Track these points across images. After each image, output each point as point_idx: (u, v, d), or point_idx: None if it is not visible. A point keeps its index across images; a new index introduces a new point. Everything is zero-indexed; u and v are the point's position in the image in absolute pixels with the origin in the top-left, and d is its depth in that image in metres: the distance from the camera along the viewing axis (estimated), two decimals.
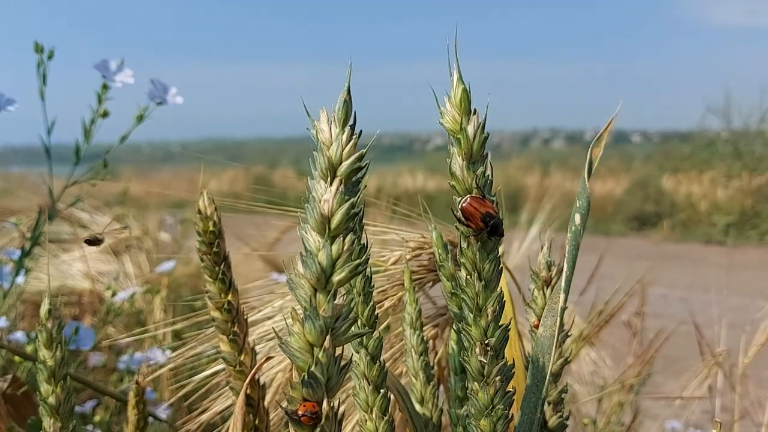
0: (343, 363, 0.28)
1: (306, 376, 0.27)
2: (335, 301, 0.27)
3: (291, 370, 0.51)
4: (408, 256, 0.53)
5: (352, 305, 0.28)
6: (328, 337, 0.27)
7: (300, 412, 0.27)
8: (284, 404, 0.27)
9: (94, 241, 0.61)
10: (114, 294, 0.84)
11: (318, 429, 0.27)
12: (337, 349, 0.28)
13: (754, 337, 1.02)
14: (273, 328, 0.38)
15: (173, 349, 0.63)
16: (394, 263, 0.53)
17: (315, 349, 0.27)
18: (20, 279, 0.69)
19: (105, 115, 0.68)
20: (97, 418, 0.76)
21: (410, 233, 0.54)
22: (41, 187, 0.71)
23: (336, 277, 0.27)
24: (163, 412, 0.82)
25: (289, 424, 0.28)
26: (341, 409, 0.29)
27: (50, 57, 0.66)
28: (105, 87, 0.68)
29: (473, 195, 0.31)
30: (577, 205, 0.38)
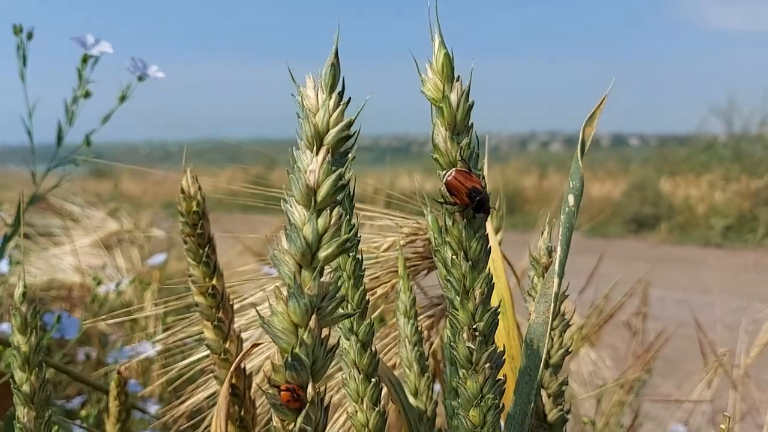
0: (330, 346, 0.26)
1: (290, 358, 0.25)
2: (321, 279, 0.25)
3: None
4: (402, 242, 0.51)
5: (339, 283, 0.26)
6: (313, 316, 0.25)
7: (282, 389, 0.25)
8: (265, 387, 0.25)
9: None
10: (99, 283, 0.82)
11: (302, 414, 0.25)
12: (323, 330, 0.26)
13: (756, 338, 1.00)
14: (255, 308, 0.36)
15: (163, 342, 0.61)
16: (387, 249, 0.51)
17: (300, 329, 0.25)
18: (3, 267, 0.67)
19: (87, 95, 0.66)
20: (83, 413, 0.74)
21: (404, 219, 0.53)
22: (39, 178, 0.69)
23: (322, 253, 0.25)
24: (152, 406, 0.80)
25: (272, 411, 0.26)
26: (333, 399, 0.27)
27: (29, 38, 0.65)
28: (85, 60, 0.65)
29: (458, 168, 0.30)
30: (571, 185, 0.36)
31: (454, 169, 0.29)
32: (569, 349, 0.41)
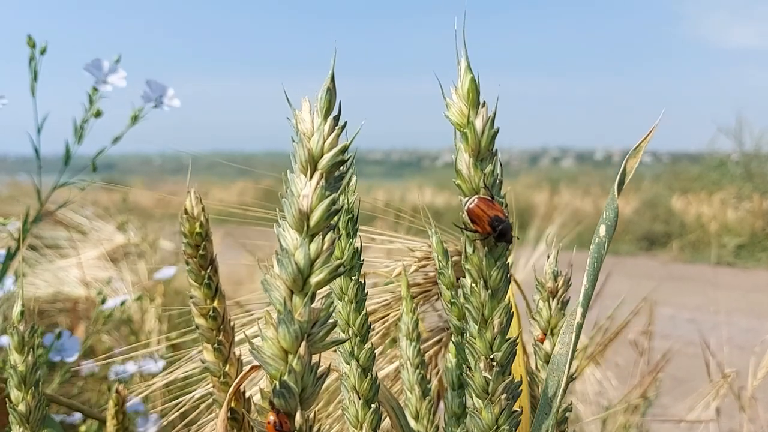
0: (320, 372, 0.25)
1: (278, 385, 0.25)
2: (312, 305, 0.25)
3: None
4: (413, 267, 0.50)
5: (331, 309, 0.25)
6: (303, 343, 0.25)
7: (268, 418, 0.24)
8: (254, 416, 0.25)
9: None
10: (104, 300, 0.81)
11: None
12: (314, 357, 0.25)
13: (763, 359, 0.99)
14: (245, 333, 0.35)
15: (167, 360, 0.60)
16: (399, 275, 0.50)
17: (289, 356, 0.25)
18: (8, 282, 0.67)
19: (98, 115, 0.66)
20: (83, 429, 0.74)
21: (417, 243, 0.52)
22: (45, 194, 0.69)
23: (314, 279, 0.25)
24: (153, 425, 0.80)
25: None
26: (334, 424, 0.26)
27: (42, 53, 0.64)
28: (96, 89, 0.65)
29: (481, 196, 0.29)
30: (604, 216, 0.35)
31: (476, 196, 0.29)
32: (574, 375, 0.40)
